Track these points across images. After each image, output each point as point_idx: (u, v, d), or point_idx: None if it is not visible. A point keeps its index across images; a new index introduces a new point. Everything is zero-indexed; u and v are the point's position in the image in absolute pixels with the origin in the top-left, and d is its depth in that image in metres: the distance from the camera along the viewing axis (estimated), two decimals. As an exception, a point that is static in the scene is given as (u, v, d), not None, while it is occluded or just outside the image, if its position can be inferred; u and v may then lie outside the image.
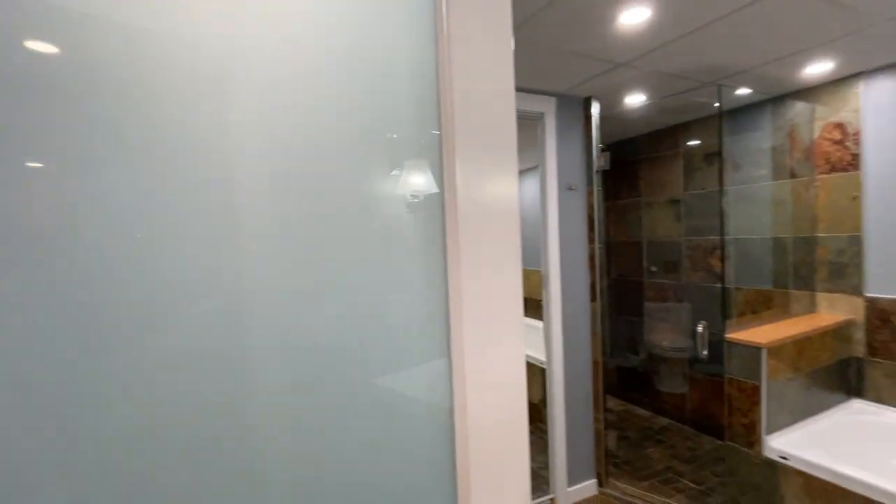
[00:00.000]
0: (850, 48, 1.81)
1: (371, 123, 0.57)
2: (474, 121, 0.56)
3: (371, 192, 0.57)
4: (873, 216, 2.07)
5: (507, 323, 0.58)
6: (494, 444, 0.58)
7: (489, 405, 0.57)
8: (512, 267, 0.59)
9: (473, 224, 0.56)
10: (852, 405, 2.12)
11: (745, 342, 1.90)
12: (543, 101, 2.25)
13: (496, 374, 0.58)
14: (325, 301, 0.54)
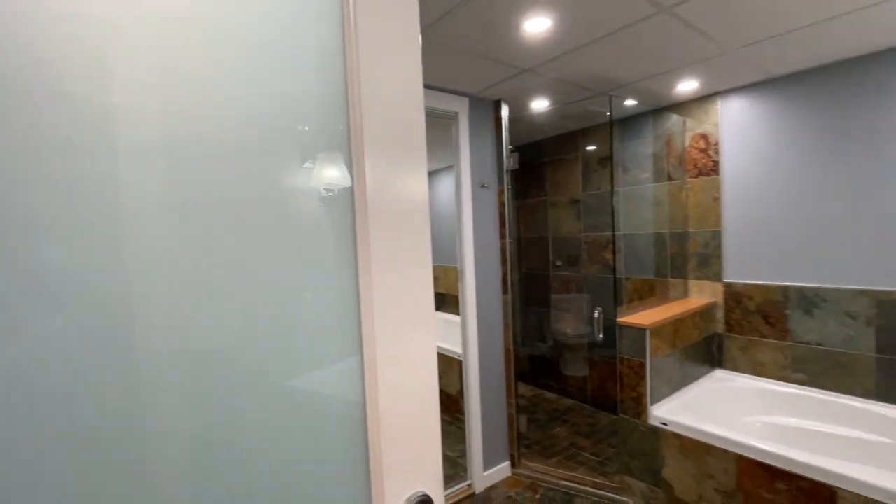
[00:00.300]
0: (711, 71, 2.14)
1: (279, 115, 0.55)
2: (383, 115, 0.57)
3: (280, 186, 0.55)
4: (729, 214, 2.47)
5: (418, 318, 0.60)
6: (407, 434, 0.60)
7: (401, 398, 0.59)
8: (422, 262, 0.61)
9: (384, 220, 0.57)
10: (715, 374, 2.50)
11: (632, 325, 2.14)
12: (457, 101, 2.32)
13: (408, 367, 0.60)
14: (228, 300, 0.51)
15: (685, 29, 1.67)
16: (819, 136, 2.12)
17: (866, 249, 2.01)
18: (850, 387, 2.07)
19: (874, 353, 2.00)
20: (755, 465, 1.73)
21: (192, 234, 0.49)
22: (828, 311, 2.12)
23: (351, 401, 0.58)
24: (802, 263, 2.20)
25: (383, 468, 0.56)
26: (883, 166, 1.95)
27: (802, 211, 2.19)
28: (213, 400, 0.50)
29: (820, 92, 2.11)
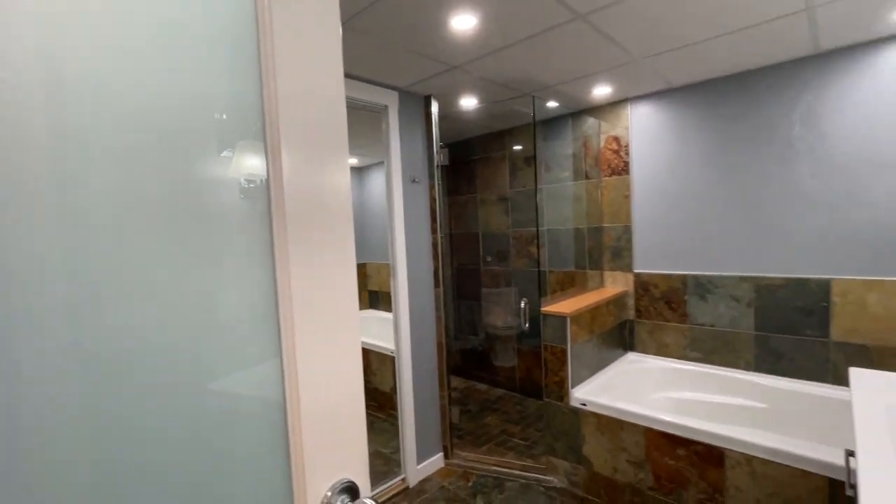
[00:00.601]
0: (622, 78, 2.33)
1: (183, 104, 0.51)
2: (301, 103, 0.55)
3: (190, 180, 0.51)
4: (638, 211, 2.71)
5: (340, 313, 0.59)
6: (330, 427, 0.59)
7: (324, 393, 0.58)
8: (345, 257, 0.59)
9: (303, 213, 0.54)
10: (628, 357, 2.73)
11: (555, 314, 2.28)
12: (387, 95, 2.30)
13: (330, 363, 0.58)
14: (134, 301, 0.47)
15: (599, 36, 1.80)
16: (711, 142, 2.40)
17: (748, 241, 2.31)
18: (735, 361, 2.38)
19: (753, 330, 2.31)
20: (660, 436, 1.92)
21: (93, 230, 0.44)
22: (718, 296, 2.41)
23: (270, 398, 0.56)
24: (698, 254, 2.48)
25: (305, 461, 0.55)
26: (761, 170, 2.25)
27: (697, 208, 2.46)
28: (115, 408, 0.45)
29: (712, 102, 2.38)
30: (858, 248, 2.00)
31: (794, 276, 2.17)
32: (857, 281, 2.01)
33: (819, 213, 2.10)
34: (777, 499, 1.63)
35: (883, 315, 1.95)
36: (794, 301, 2.18)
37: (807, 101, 2.10)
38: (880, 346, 1.97)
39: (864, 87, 1.96)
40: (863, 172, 1.98)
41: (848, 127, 2.01)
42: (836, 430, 1.91)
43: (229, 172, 0.54)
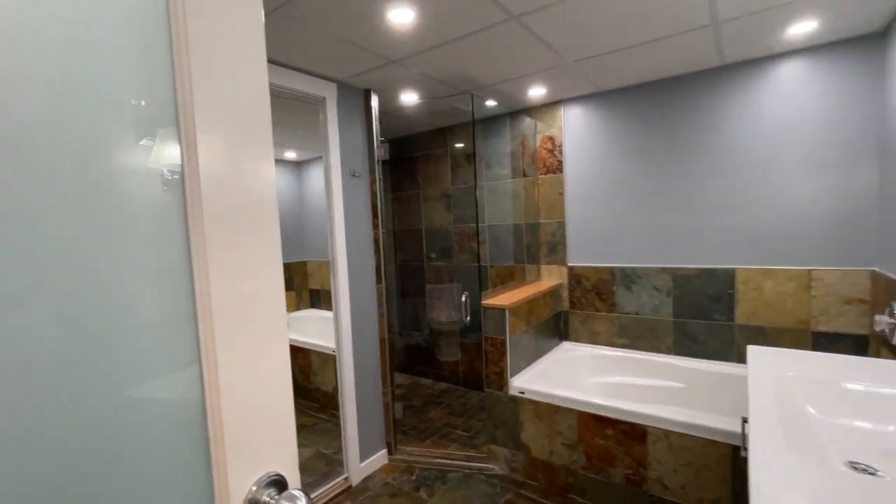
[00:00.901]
0: (555, 80, 2.44)
1: (98, 89, 0.47)
2: (219, 91, 0.53)
3: (98, 171, 0.47)
4: (571, 207, 2.86)
5: (263, 308, 0.57)
6: (255, 425, 0.57)
7: (247, 392, 0.56)
8: (270, 256, 0.57)
9: (223, 209, 0.52)
10: (563, 346, 2.88)
11: (494, 306, 2.35)
12: (324, 86, 2.25)
13: (254, 366, 0.57)
14: (31, 304, 0.43)
15: (532, 38, 1.88)
16: (635, 144, 2.58)
17: (667, 236, 2.52)
18: (657, 346, 2.59)
19: (672, 317, 2.53)
20: (591, 418, 2.05)
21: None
22: (642, 286, 2.61)
23: (187, 400, 0.53)
24: (624, 248, 2.66)
25: (227, 459, 0.53)
26: (677, 171, 2.46)
27: (623, 205, 2.65)
28: (7, 419, 0.41)
29: (636, 106, 2.57)
30: (757, 241, 2.26)
31: (705, 266, 2.40)
32: (757, 270, 2.26)
33: (725, 211, 2.34)
34: (690, 467, 1.80)
35: (776, 300, 2.22)
36: (705, 289, 2.41)
37: (714, 108, 2.33)
38: (773, 327, 2.23)
39: (762, 97, 2.21)
40: (760, 175, 2.23)
41: (748, 134, 2.25)
42: (739, 402, 2.15)
43: (139, 164, 0.51)
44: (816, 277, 2.11)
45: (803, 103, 2.11)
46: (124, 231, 0.49)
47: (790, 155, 2.15)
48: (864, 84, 1.97)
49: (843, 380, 1.18)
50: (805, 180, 2.13)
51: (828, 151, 2.07)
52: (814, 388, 1.18)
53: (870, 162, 1.98)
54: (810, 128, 2.10)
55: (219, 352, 0.52)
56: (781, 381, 1.21)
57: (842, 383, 1.17)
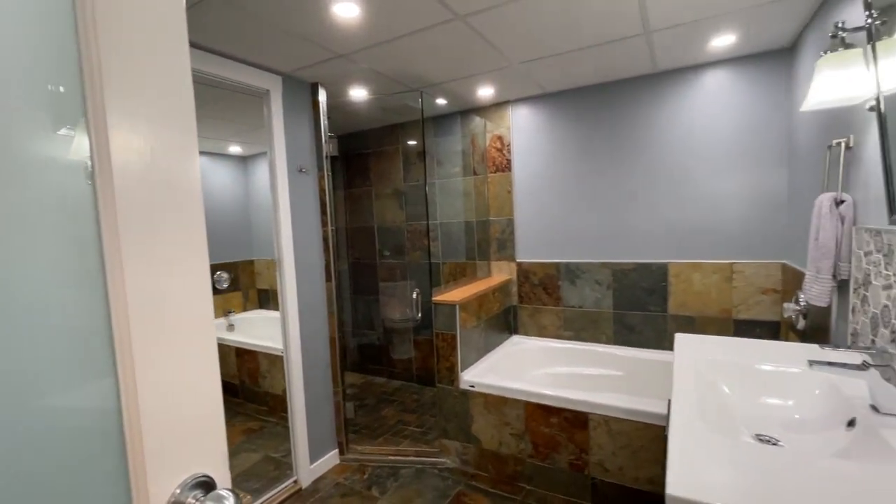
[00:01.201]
0: (502, 81, 2.50)
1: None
2: (132, 72, 0.50)
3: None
4: (519, 205, 2.94)
5: (190, 317, 0.55)
6: (179, 428, 0.55)
7: (170, 401, 0.54)
8: (195, 255, 0.55)
9: (138, 205, 0.49)
10: (512, 339, 2.96)
11: (445, 302, 2.38)
12: (268, 78, 2.17)
13: (178, 370, 0.55)
14: None
15: (478, 39, 1.92)
16: (578, 145, 2.70)
17: (608, 233, 2.66)
18: (599, 337, 2.73)
19: (612, 309, 2.67)
20: (537, 408, 2.13)
21: None
22: (585, 280, 2.74)
23: (102, 407, 0.51)
24: (569, 244, 2.78)
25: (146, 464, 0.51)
26: (616, 172, 2.60)
27: (567, 203, 2.76)
28: None
29: (579, 109, 2.68)
30: (687, 237, 2.43)
31: (641, 261, 2.56)
32: (686, 264, 2.44)
33: (658, 210, 2.50)
34: (628, 449, 1.92)
35: (703, 291, 2.40)
36: (641, 283, 2.57)
37: (649, 113, 2.48)
38: (701, 316, 2.42)
39: (690, 103, 2.38)
40: (688, 177, 2.41)
41: (678, 137, 2.42)
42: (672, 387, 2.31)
43: (44, 155, 0.47)
44: (737, 270, 2.31)
45: (725, 110, 2.29)
46: (29, 229, 0.46)
47: (714, 158, 2.34)
48: (776, 94, 2.18)
49: (756, 362, 1.30)
50: (726, 182, 2.32)
51: (746, 155, 2.26)
52: (729, 370, 1.30)
53: (780, 166, 2.19)
54: (731, 133, 2.29)
55: (136, 355, 0.50)
56: (702, 365, 1.32)
57: (754, 365, 1.30)
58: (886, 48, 1.01)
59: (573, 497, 2.07)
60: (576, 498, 2.06)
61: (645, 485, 1.88)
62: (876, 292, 1.19)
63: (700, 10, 1.73)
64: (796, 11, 1.76)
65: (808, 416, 1.11)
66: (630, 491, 1.92)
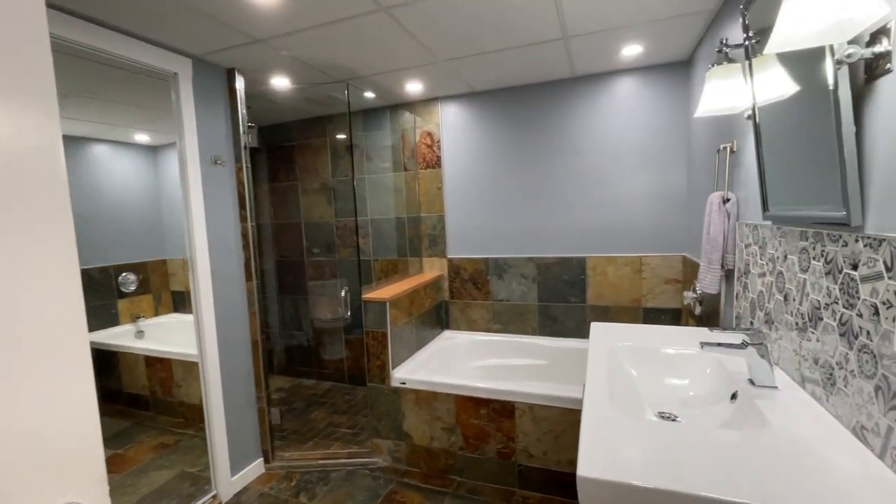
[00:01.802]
0: (430, 77, 2.50)
1: None
2: None
3: None
4: (449, 201, 2.97)
5: (56, 329, 0.48)
6: (44, 461, 0.48)
7: (31, 424, 0.47)
8: (60, 255, 0.47)
9: None
10: (444, 335, 3.00)
11: (375, 300, 2.34)
12: (176, 61, 1.98)
13: (35, 396, 0.47)
14: None
15: (403, 33, 1.90)
16: (505, 144, 2.78)
17: (533, 229, 2.77)
18: (525, 328, 2.84)
19: (537, 301, 2.79)
20: (467, 401, 2.17)
21: None
22: (512, 274, 2.84)
23: None
24: (497, 240, 2.86)
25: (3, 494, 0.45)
26: (540, 171, 2.72)
27: (495, 200, 2.84)
28: None
29: (506, 109, 2.76)
30: (602, 233, 2.61)
31: (563, 255, 2.70)
32: (602, 258, 2.62)
33: (577, 207, 2.65)
34: (551, 434, 2.02)
35: (617, 282, 2.60)
36: (563, 275, 2.71)
37: (568, 115, 2.62)
38: (616, 306, 2.61)
39: (604, 108, 2.55)
40: (602, 176, 2.58)
41: (593, 139, 2.58)
42: (590, 373, 2.47)
43: None
44: (645, 263, 2.52)
45: (634, 115, 2.49)
46: None
47: (625, 160, 2.53)
48: (677, 103, 2.40)
49: (660, 346, 1.43)
50: (636, 182, 2.52)
51: (652, 158, 2.47)
52: (637, 355, 1.42)
53: (681, 167, 2.43)
54: (640, 137, 2.49)
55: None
56: (613, 351, 1.42)
57: (659, 349, 1.42)
58: (760, 64, 1.15)
59: (502, 484, 2.14)
60: (504, 485, 2.14)
61: (566, 467, 2.00)
62: (753, 280, 1.36)
63: (610, 20, 1.85)
64: (691, 27, 1.95)
65: (700, 392, 1.24)
66: (554, 474, 2.03)
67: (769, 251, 1.24)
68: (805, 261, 1.02)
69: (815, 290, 0.97)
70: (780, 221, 1.15)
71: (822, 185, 0.90)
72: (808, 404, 0.97)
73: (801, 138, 0.98)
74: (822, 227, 0.94)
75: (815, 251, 0.97)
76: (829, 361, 0.92)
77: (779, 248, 1.17)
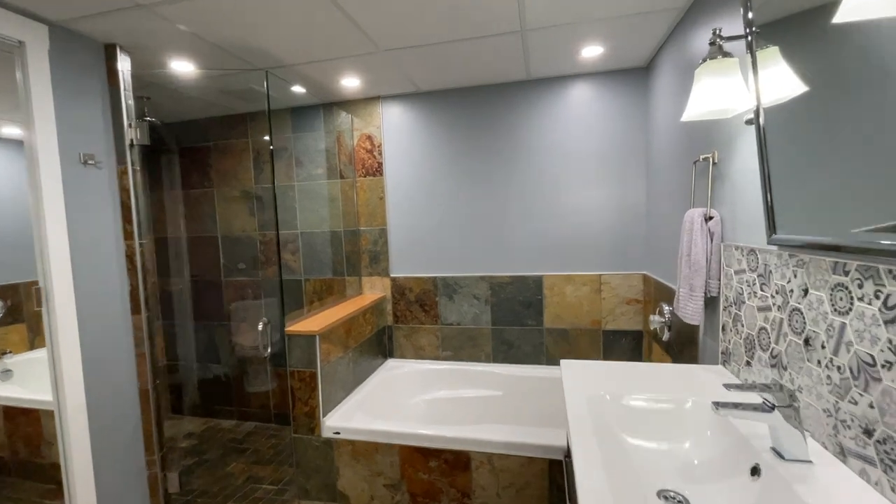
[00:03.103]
0: (369, 71, 2.16)
1: None
2: None
3: None
4: (392, 214, 2.63)
5: None
6: None
7: None
8: None
9: None
10: (388, 364, 2.63)
11: (302, 333, 1.94)
12: (22, 25, 1.49)
13: None
14: None
15: (333, 9, 1.55)
16: (454, 151, 2.50)
17: (485, 245, 2.50)
18: (478, 355, 2.56)
19: (490, 325, 2.52)
20: (414, 451, 1.83)
21: None
22: (463, 295, 2.55)
23: None
24: (446, 257, 2.56)
25: None
26: (492, 182, 2.46)
27: (444, 213, 2.54)
28: None
29: (455, 111, 2.48)
30: (559, 249, 2.40)
31: (518, 273, 2.46)
32: (559, 276, 2.40)
33: (531, 221, 2.43)
34: (512, 488, 1.73)
35: (575, 303, 2.39)
36: (518, 296, 2.47)
37: (522, 121, 2.40)
38: (574, 328, 2.41)
39: (560, 114, 2.35)
40: (558, 188, 2.38)
41: (548, 148, 2.38)
42: (552, 407, 2.23)
43: None
44: (605, 281, 2.34)
45: (592, 123, 2.31)
46: None
47: (582, 170, 2.34)
48: (635, 110, 2.26)
49: (647, 393, 1.18)
50: (594, 193, 2.34)
51: (610, 168, 2.31)
52: (624, 412, 1.15)
53: (638, 178, 2.28)
54: (597, 146, 2.32)
55: None
56: (594, 403, 1.16)
57: (648, 400, 1.16)
58: (768, 58, 0.95)
59: (456, 548, 1.82)
60: (458, 549, 1.82)
61: (530, 524, 1.72)
62: (751, 313, 1.16)
63: (573, 11, 1.63)
64: (654, 28, 1.79)
65: (706, 459, 1.00)
66: (515, 532, 1.74)
67: (776, 281, 1.04)
68: (843, 301, 0.81)
69: (862, 341, 0.76)
70: (796, 248, 0.94)
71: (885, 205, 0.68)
72: (862, 491, 0.75)
73: (849, 144, 0.77)
74: (877, 260, 0.73)
75: (864, 291, 0.75)
76: (893, 436, 0.70)
77: (793, 280, 0.97)
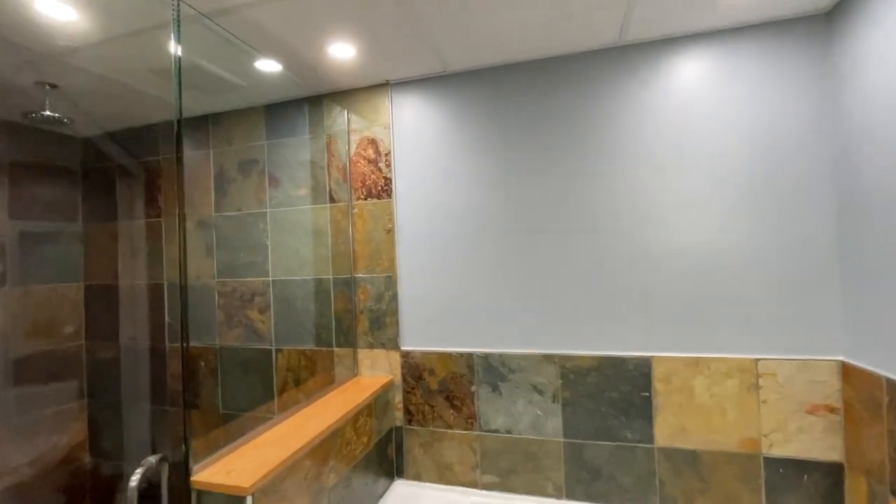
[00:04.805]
0: (372, 32, 1.35)
1: None
2: None
3: None
4: (405, 254, 1.75)
5: None
6: None
7: None
8: None
9: None
10: (395, 489, 1.68)
11: (219, 490, 1.01)
12: None
13: None
14: None
15: None
16: (505, 160, 1.65)
17: (551, 305, 1.59)
18: (542, 485, 1.58)
19: (562, 437, 1.56)
20: None
21: None
22: (515, 384, 1.61)
23: None
24: (488, 322, 1.65)
25: None
26: (570, 204, 1.58)
27: (487, 252, 1.66)
28: None
29: (502, 99, 1.64)
30: (679, 315, 1.47)
31: (608, 353, 1.52)
32: (681, 359, 1.46)
33: (630, 270, 1.51)
34: None
35: (712, 406, 1.43)
36: (609, 390, 1.52)
37: (609, 112, 1.54)
38: (710, 451, 1.43)
39: (672, 98, 1.48)
40: (677, 219, 1.48)
41: (658, 153, 1.50)
42: None
43: None
44: (766, 371, 1.39)
45: (726, 111, 1.44)
46: None
47: (710, 186, 1.45)
48: (809, 87, 1.37)
49: None
50: (737, 225, 1.43)
51: (765, 182, 1.41)
52: None
53: (823, 200, 1.36)
54: (739, 147, 1.43)
55: None
56: None
57: None
58: None
59: None
60: None
61: None
62: None
63: None
64: None
65: None
66: None
67: None
68: None
69: None
70: None
71: None
72: None
73: None
74: None
75: None
76: None
77: None
